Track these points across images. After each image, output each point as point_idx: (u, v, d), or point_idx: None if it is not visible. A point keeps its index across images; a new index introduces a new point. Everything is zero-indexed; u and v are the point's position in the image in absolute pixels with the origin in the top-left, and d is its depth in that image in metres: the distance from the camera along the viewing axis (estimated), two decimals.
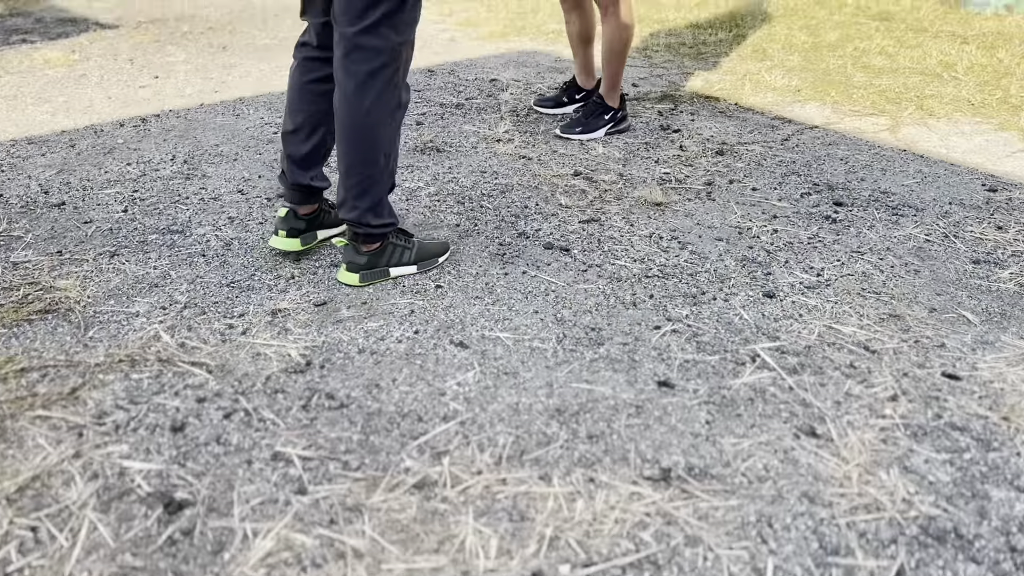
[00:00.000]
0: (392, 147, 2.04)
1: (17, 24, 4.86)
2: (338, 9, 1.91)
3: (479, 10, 5.37)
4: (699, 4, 5.50)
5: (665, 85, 3.86)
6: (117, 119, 3.31)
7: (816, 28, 4.83)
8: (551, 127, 3.32)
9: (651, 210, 2.57)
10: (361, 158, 1.99)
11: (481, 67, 4.16)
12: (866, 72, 3.97)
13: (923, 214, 2.55)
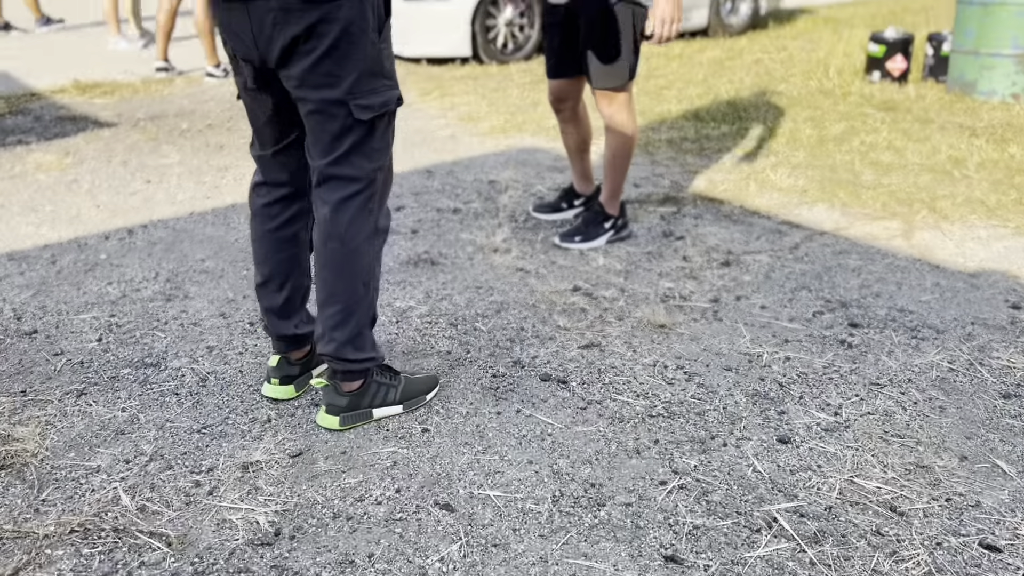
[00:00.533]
0: (371, 276, 1.92)
1: (16, 123, 4.84)
2: (309, 141, 1.83)
3: (480, 104, 5.34)
4: (701, 95, 5.46)
5: (667, 185, 3.76)
6: (103, 231, 3.21)
7: (821, 120, 4.77)
8: (550, 234, 3.20)
9: (655, 333, 2.43)
10: (339, 288, 1.87)
11: (480, 166, 4.09)
12: (874, 169, 3.87)
13: (944, 337, 2.39)
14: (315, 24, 1.67)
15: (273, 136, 1.90)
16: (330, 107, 1.75)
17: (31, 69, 6.45)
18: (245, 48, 1.76)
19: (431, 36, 6.50)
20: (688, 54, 7.05)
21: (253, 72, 1.80)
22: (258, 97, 1.85)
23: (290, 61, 1.72)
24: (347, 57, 1.71)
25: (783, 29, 8.39)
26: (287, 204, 1.94)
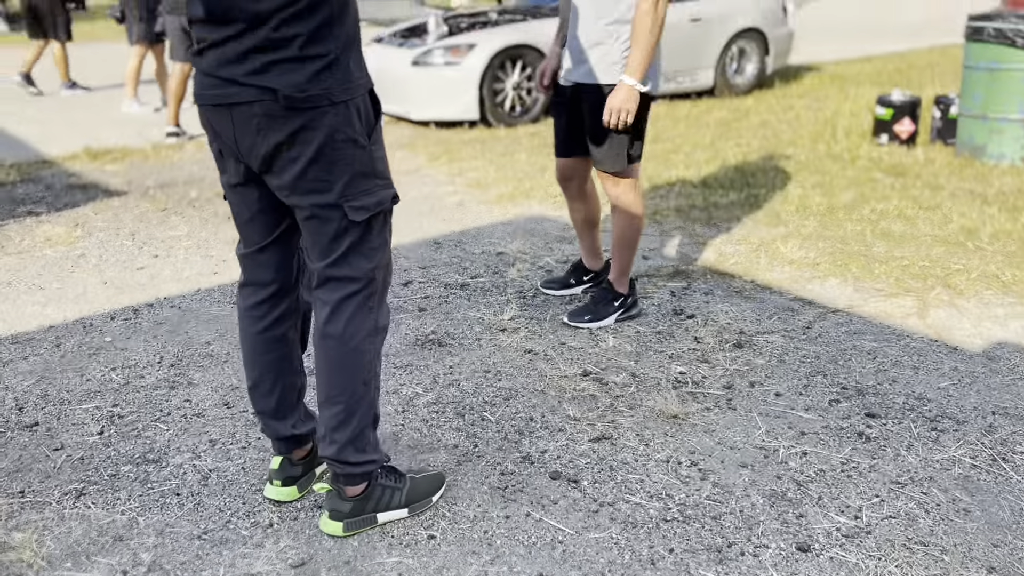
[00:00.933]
0: (372, 374, 1.88)
1: (27, 192, 4.87)
2: (306, 244, 1.81)
3: (488, 170, 5.36)
4: (708, 159, 5.46)
5: (677, 258, 3.73)
6: (109, 310, 3.19)
7: (830, 186, 4.75)
8: (559, 312, 3.17)
9: (667, 424, 2.37)
10: (339, 388, 1.83)
11: (488, 237, 4.07)
12: (886, 241, 3.84)
13: (965, 428, 2.33)
14: (298, 131, 1.66)
15: (257, 233, 1.87)
16: (324, 211, 1.74)
17: (44, 134, 6.53)
18: (228, 148, 1.74)
19: (440, 100, 6.56)
20: (695, 115, 7.09)
21: (236, 170, 1.78)
22: (242, 194, 1.83)
23: (273, 167, 1.70)
24: (335, 162, 1.70)
25: (789, 88, 8.45)
26: (273, 304, 1.91)
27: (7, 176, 5.16)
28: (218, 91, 1.67)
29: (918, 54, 11.37)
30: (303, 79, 1.63)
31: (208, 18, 1.65)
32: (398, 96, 6.70)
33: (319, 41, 1.63)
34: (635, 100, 2.68)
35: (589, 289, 3.35)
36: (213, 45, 1.66)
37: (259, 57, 1.62)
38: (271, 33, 1.61)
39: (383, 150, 1.81)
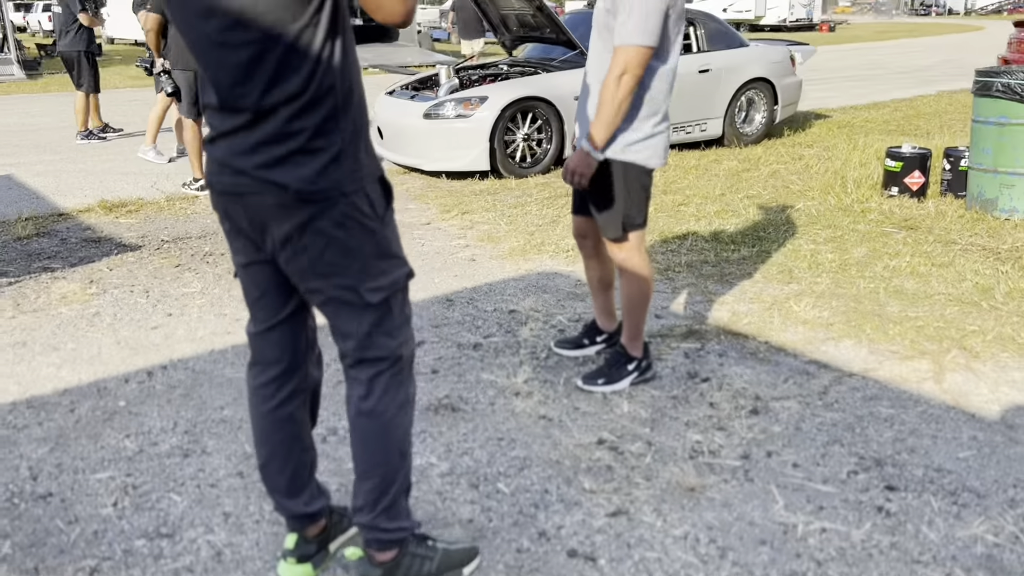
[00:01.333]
0: (406, 444, 1.90)
1: (42, 247, 4.91)
2: (330, 328, 1.83)
3: (499, 223, 5.39)
4: (719, 212, 5.48)
5: (690, 316, 3.73)
6: (123, 372, 3.20)
7: (842, 241, 4.76)
8: (572, 374, 3.16)
9: (685, 497, 2.35)
10: (375, 461, 1.87)
11: (500, 294, 4.08)
12: (899, 300, 3.83)
13: (986, 502, 2.30)
14: (309, 221, 1.67)
15: (266, 312, 1.89)
16: (342, 294, 1.75)
17: (59, 186, 6.61)
18: (240, 228, 1.76)
19: (451, 152, 6.63)
20: (704, 165, 7.13)
21: (246, 250, 1.80)
22: (252, 273, 1.85)
23: (285, 252, 1.72)
24: (348, 248, 1.71)
25: (798, 136, 8.50)
26: (281, 383, 1.92)
27: (23, 230, 5.21)
28: (230, 180, 1.70)
29: (926, 101, 11.45)
30: (312, 173, 1.64)
31: (220, 107, 1.68)
32: (410, 148, 6.77)
33: (326, 134, 1.65)
34: (589, 166, 2.74)
35: (603, 350, 3.35)
36: (224, 134, 1.69)
37: (268, 150, 1.65)
38: (278, 126, 1.63)
39: (395, 230, 1.83)
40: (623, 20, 2.60)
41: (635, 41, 2.59)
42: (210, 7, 1.56)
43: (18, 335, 3.58)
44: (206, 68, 1.66)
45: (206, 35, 1.61)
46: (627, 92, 2.65)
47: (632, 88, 2.65)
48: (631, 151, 2.78)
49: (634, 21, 2.58)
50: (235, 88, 1.62)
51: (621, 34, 2.62)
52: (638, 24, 2.58)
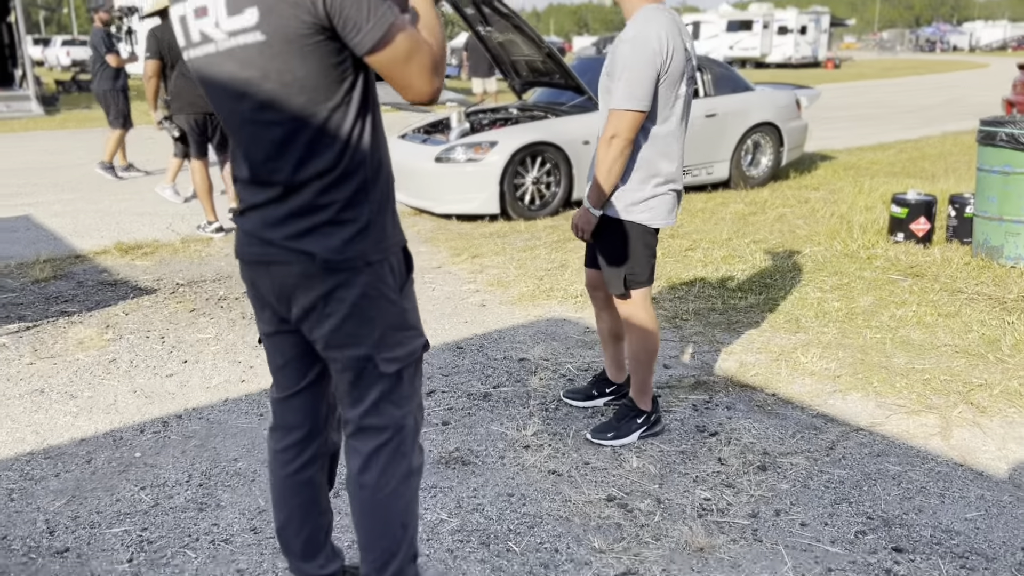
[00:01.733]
0: (409, 515, 1.92)
1: (59, 290, 4.99)
2: (339, 393, 1.87)
3: (509, 268, 5.45)
4: (726, 258, 5.54)
5: (698, 367, 3.76)
6: (139, 422, 3.25)
7: (848, 288, 4.80)
8: (581, 427, 3.19)
9: (694, 558, 2.37)
10: (377, 534, 1.87)
11: (510, 341, 4.13)
12: (906, 351, 3.86)
13: (995, 566, 2.31)
14: (333, 290, 1.72)
15: (289, 379, 1.93)
16: (357, 363, 1.79)
17: (76, 226, 6.71)
18: (265, 301, 1.82)
19: (462, 195, 6.72)
20: (711, 208, 7.20)
21: (272, 320, 1.85)
22: (276, 342, 1.90)
23: (309, 321, 1.77)
24: (368, 318, 1.76)
25: (804, 178, 8.58)
26: (302, 448, 1.96)
27: (41, 272, 5.30)
28: (258, 250, 1.75)
29: (931, 142, 11.54)
30: (339, 243, 1.69)
31: (252, 180, 1.74)
32: (421, 191, 6.86)
33: (355, 206, 1.70)
34: (589, 222, 2.85)
35: (612, 402, 3.38)
36: (254, 207, 1.74)
37: (298, 222, 1.70)
38: (309, 199, 1.68)
39: (414, 301, 1.87)
40: (615, 85, 2.69)
41: (624, 105, 2.68)
42: (244, 87, 1.63)
43: (36, 382, 3.64)
44: (239, 143, 1.72)
45: (240, 113, 1.67)
46: (616, 154, 2.72)
47: (622, 150, 2.72)
48: (633, 211, 2.85)
49: (623, 86, 2.67)
50: (268, 163, 1.68)
51: (614, 98, 2.71)
52: (626, 89, 2.67)
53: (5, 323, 4.41)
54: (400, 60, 1.59)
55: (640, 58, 2.65)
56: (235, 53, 1.61)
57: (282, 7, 1.53)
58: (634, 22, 2.72)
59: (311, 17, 1.53)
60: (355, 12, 1.53)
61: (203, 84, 1.72)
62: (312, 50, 1.57)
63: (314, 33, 1.55)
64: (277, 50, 1.57)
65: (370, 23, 1.54)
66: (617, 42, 2.75)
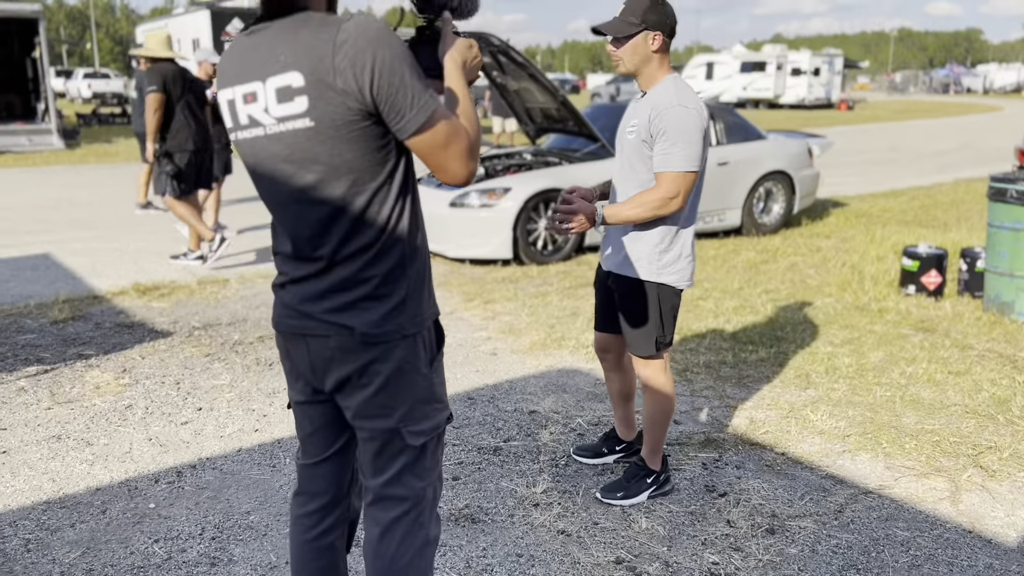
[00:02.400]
0: None
1: (76, 332, 5.07)
2: (362, 461, 1.90)
3: (521, 314, 5.50)
4: (737, 308, 5.57)
5: (708, 423, 3.78)
6: (154, 471, 3.29)
7: (859, 343, 4.81)
8: (591, 485, 3.21)
9: None
10: None
11: (521, 392, 4.16)
12: (916, 410, 3.87)
13: None
14: (370, 363, 1.76)
15: (316, 447, 1.97)
16: (383, 434, 1.83)
17: (94, 266, 6.82)
18: (299, 371, 1.86)
19: (475, 240, 6.80)
20: (723, 255, 7.25)
21: (304, 390, 1.90)
22: (306, 411, 1.94)
23: (343, 392, 1.81)
24: (400, 391, 1.80)
25: (816, 226, 8.62)
26: (324, 514, 1.99)
27: (60, 313, 5.38)
28: (296, 322, 1.80)
29: (943, 189, 11.58)
30: (377, 317, 1.74)
31: (294, 255, 1.79)
32: (435, 235, 6.94)
33: (393, 281, 1.75)
34: (586, 221, 2.77)
35: (622, 459, 3.40)
36: (295, 280, 1.80)
37: (337, 296, 1.74)
38: (350, 274, 1.73)
39: (442, 374, 1.91)
40: (666, 148, 2.74)
41: (685, 168, 2.73)
42: (293, 169, 1.69)
43: (53, 428, 3.69)
44: (283, 221, 1.77)
45: (286, 193, 1.73)
46: (664, 212, 2.78)
47: (673, 211, 2.78)
48: (665, 272, 2.89)
49: (682, 149, 2.72)
50: (312, 240, 1.73)
51: (667, 161, 2.74)
52: (686, 152, 2.73)
53: (24, 365, 4.48)
54: (439, 145, 1.65)
55: (695, 122, 2.74)
56: (283, 137, 1.67)
57: (330, 95, 1.59)
58: (667, 89, 2.80)
59: (358, 104, 1.59)
60: (400, 99, 1.60)
61: (250, 164, 1.78)
62: (359, 135, 1.63)
63: (361, 119, 1.61)
64: (325, 135, 1.63)
65: (413, 110, 1.61)
66: (660, 107, 2.77)
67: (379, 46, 1.58)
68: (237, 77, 1.72)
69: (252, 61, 1.68)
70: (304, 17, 1.64)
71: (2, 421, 3.75)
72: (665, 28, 2.81)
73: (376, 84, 1.58)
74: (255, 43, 1.69)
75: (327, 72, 1.58)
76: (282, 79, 1.63)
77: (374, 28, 1.59)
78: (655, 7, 2.78)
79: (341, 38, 1.58)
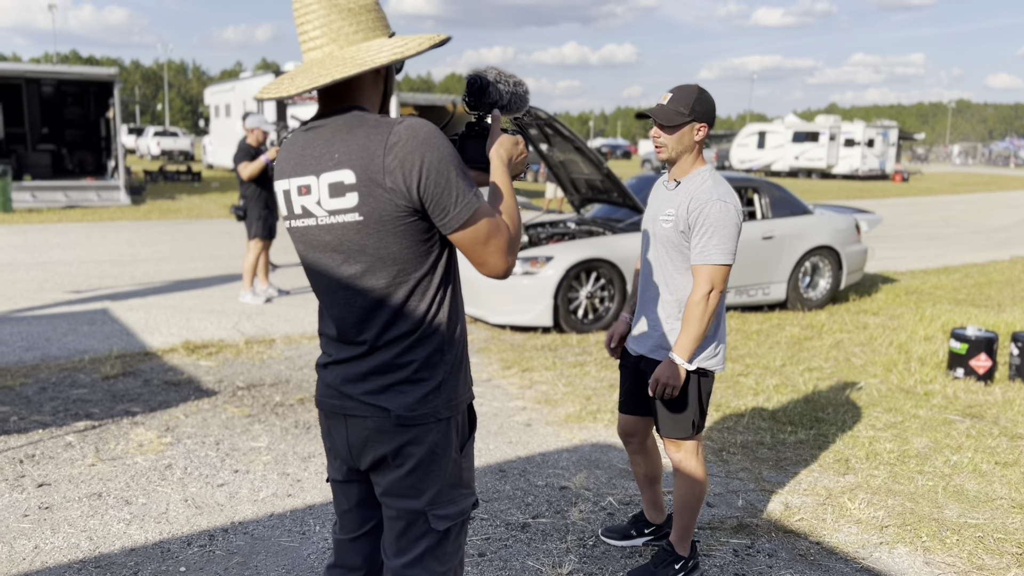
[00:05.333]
0: None
1: (126, 388, 5.22)
2: (385, 540, 1.94)
3: (558, 384, 5.51)
4: (778, 387, 5.49)
5: (742, 507, 3.72)
6: (187, 533, 3.36)
7: (902, 428, 4.70)
8: (618, 568, 3.17)
9: None
10: None
11: (553, 466, 4.15)
12: (958, 502, 3.75)
13: None
14: (404, 445, 1.81)
15: (353, 523, 2.02)
16: (409, 515, 1.87)
17: (148, 322, 7.05)
18: (338, 450, 1.92)
19: (516, 307, 6.86)
20: (766, 330, 7.18)
21: (341, 469, 1.95)
22: (343, 489, 1.99)
23: (377, 471, 1.86)
24: (430, 474, 1.84)
25: (863, 302, 8.50)
26: None
27: (112, 368, 5.56)
28: (337, 402, 1.87)
29: (998, 268, 11.32)
30: (414, 401, 1.80)
31: (339, 338, 1.87)
32: (478, 300, 7.04)
33: (431, 367, 1.82)
34: (679, 377, 2.82)
35: (650, 543, 3.36)
36: (338, 362, 1.87)
37: (377, 379, 1.81)
38: (390, 359, 1.80)
39: (472, 459, 1.95)
40: (703, 241, 2.77)
41: (719, 261, 2.77)
42: (342, 259, 1.78)
43: (95, 485, 3.80)
44: (329, 306, 1.86)
45: (335, 280, 1.82)
46: (714, 307, 2.79)
47: (717, 303, 2.80)
48: (702, 359, 2.90)
49: (716, 242, 2.76)
50: (357, 325, 1.82)
51: (704, 254, 2.78)
52: (720, 245, 2.76)
53: (74, 420, 4.63)
54: (480, 241, 1.74)
55: (731, 216, 2.78)
56: (334, 228, 1.77)
57: (379, 192, 1.68)
58: (704, 181, 2.84)
59: (405, 201, 1.68)
60: (445, 198, 1.69)
61: (301, 252, 1.88)
62: (405, 229, 1.72)
63: (407, 215, 1.70)
64: (373, 229, 1.72)
65: (457, 208, 1.70)
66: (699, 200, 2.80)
67: (428, 149, 1.67)
68: (294, 170, 1.82)
69: (309, 156, 1.78)
70: (359, 117, 1.74)
71: (48, 476, 3.88)
72: (711, 120, 2.87)
73: (423, 184, 1.67)
74: (312, 139, 1.79)
75: (377, 171, 1.67)
76: (335, 175, 1.72)
77: (424, 132, 1.69)
78: (702, 99, 2.84)
79: (392, 140, 1.68)
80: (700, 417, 2.94)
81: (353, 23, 1.73)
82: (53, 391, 5.13)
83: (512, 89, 1.90)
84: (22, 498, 3.64)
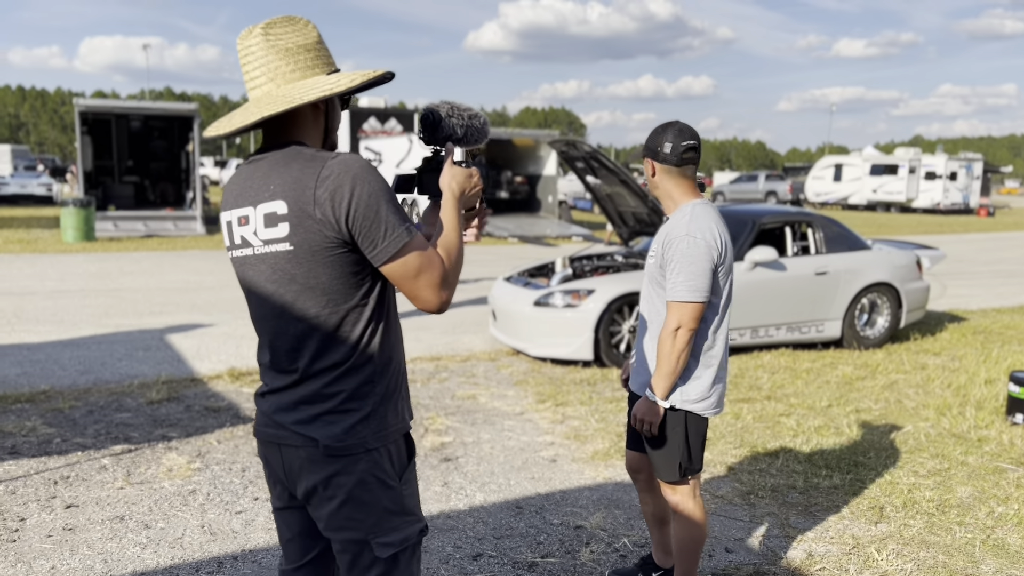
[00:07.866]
0: None
1: (167, 413, 5.38)
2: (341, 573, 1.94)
3: (590, 420, 5.43)
4: (820, 428, 5.29)
5: (761, 553, 3.57)
6: (198, 560, 3.41)
7: (947, 476, 4.46)
8: None
9: None
10: None
11: (572, 504, 4.08)
12: (998, 557, 3.52)
13: None
14: (333, 475, 1.83)
15: (295, 553, 2.03)
16: (353, 546, 1.88)
17: (199, 349, 7.27)
18: (276, 477, 1.94)
19: (557, 340, 6.82)
20: (817, 369, 6.94)
21: (280, 496, 1.97)
22: (284, 517, 2.01)
23: (311, 502, 1.88)
24: (365, 503, 1.85)
25: (925, 341, 8.14)
26: None
27: (157, 394, 5.74)
28: (272, 431, 1.90)
29: None
30: (341, 431, 1.82)
31: (272, 367, 1.90)
32: (519, 332, 7.02)
33: (360, 398, 1.83)
34: (656, 414, 2.78)
35: None
36: (273, 391, 1.90)
37: (307, 409, 1.84)
38: (318, 388, 1.83)
39: (414, 486, 1.95)
40: (671, 277, 2.73)
41: (684, 298, 2.70)
42: (274, 287, 1.82)
43: (120, 508, 3.91)
44: (264, 333, 1.90)
45: (269, 308, 1.86)
46: (683, 345, 2.72)
47: (687, 341, 2.73)
48: (689, 401, 2.82)
49: (683, 279, 2.70)
50: (289, 353, 1.85)
51: (673, 291, 2.73)
52: (687, 281, 2.70)
53: (113, 443, 4.79)
54: (410, 275, 1.77)
55: (698, 252, 2.70)
56: (268, 258, 1.82)
57: (309, 223, 1.73)
58: (681, 216, 2.79)
59: (334, 232, 1.73)
60: (374, 230, 1.73)
61: (240, 280, 1.93)
62: (334, 260, 1.76)
63: (336, 246, 1.75)
64: (303, 259, 1.77)
65: (386, 241, 1.73)
66: (671, 236, 2.78)
67: (358, 182, 1.71)
68: (235, 202, 1.88)
69: (248, 188, 1.85)
70: (296, 151, 1.80)
71: (78, 498, 4.01)
72: (651, 153, 2.83)
73: (352, 216, 1.71)
74: (252, 172, 1.86)
75: (308, 203, 1.72)
76: (270, 206, 1.78)
77: (356, 166, 1.73)
78: (653, 133, 2.84)
79: (324, 173, 1.72)
80: (688, 460, 2.84)
81: (290, 62, 1.78)
82: (99, 414, 5.32)
83: (466, 122, 1.92)
84: (49, 519, 3.77)
